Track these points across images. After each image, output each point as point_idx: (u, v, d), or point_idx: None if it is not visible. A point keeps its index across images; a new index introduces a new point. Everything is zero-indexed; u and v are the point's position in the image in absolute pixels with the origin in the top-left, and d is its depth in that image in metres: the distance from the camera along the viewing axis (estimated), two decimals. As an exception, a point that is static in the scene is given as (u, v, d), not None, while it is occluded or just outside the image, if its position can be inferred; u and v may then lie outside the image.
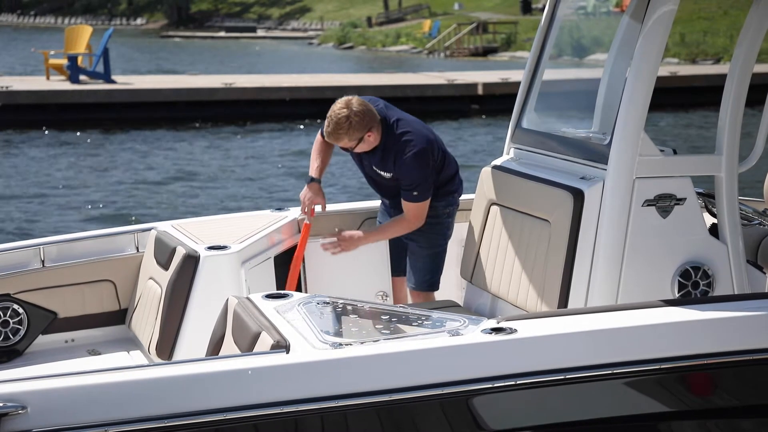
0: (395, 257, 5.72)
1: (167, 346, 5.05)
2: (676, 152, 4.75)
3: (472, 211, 5.51)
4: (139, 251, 5.67)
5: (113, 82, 24.50)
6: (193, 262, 5.09)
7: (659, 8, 4.49)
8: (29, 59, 39.62)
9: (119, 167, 17.89)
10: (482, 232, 5.37)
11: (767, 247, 5.14)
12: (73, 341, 5.58)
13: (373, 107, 5.32)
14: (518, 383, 3.69)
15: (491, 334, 3.75)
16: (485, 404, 3.69)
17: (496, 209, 5.28)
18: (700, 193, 5.24)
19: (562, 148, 5.03)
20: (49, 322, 5.50)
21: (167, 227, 5.61)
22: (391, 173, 5.40)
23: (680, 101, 25.63)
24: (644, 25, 4.52)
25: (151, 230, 5.63)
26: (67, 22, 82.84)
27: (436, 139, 5.45)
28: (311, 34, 71.27)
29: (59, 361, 5.27)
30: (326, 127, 5.30)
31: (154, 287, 5.33)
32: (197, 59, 46.06)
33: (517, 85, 5.51)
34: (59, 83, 24.41)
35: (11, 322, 5.42)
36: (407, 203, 5.39)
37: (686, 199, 4.64)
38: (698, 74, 29.32)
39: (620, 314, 4.02)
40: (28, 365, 5.26)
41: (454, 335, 3.75)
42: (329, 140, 5.38)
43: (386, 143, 5.35)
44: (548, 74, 5.42)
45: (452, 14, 64.48)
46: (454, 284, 5.90)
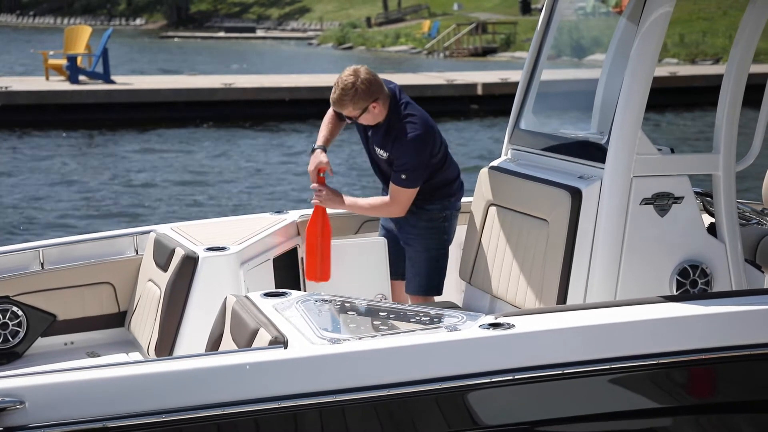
0: (394, 260, 5.71)
1: (166, 346, 5.06)
2: (673, 151, 4.76)
3: (470, 212, 5.51)
4: (138, 254, 5.68)
5: (113, 82, 24.50)
6: (191, 263, 5.10)
7: (655, 10, 4.51)
8: (28, 60, 39.63)
9: (119, 168, 17.89)
10: (481, 233, 5.37)
11: (766, 246, 5.15)
12: (72, 344, 5.58)
13: (381, 80, 5.30)
14: (516, 378, 3.70)
15: (489, 329, 3.77)
16: (483, 399, 3.71)
17: (494, 210, 5.28)
18: (697, 192, 5.26)
19: (559, 148, 5.04)
20: (48, 324, 5.51)
21: (166, 230, 5.62)
22: (388, 153, 5.34)
23: (680, 101, 25.63)
24: (641, 26, 4.53)
25: (150, 233, 5.64)
26: (66, 22, 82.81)
27: (439, 135, 5.42)
28: (310, 34, 71.27)
29: (58, 363, 5.27)
30: (332, 93, 5.26)
31: (153, 289, 5.34)
32: (197, 59, 46.07)
33: (516, 85, 5.51)
34: (59, 83, 24.42)
35: (10, 324, 5.42)
36: (393, 185, 5.32)
37: (684, 197, 4.64)
38: (698, 74, 29.32)
39: (618, 310, 4.03)
40: (27, 367, 5.26)
41: (451, 331, 3.77)
42: (334, 108, 5.33)
43: (390, 121, 5.31)
44: (546, 75, 5.43)
45: (451, 14, 64.47)
46: (453, 287, 5.89)
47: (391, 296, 5.78)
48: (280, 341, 3.61)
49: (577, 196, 4.61)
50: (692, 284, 4.67)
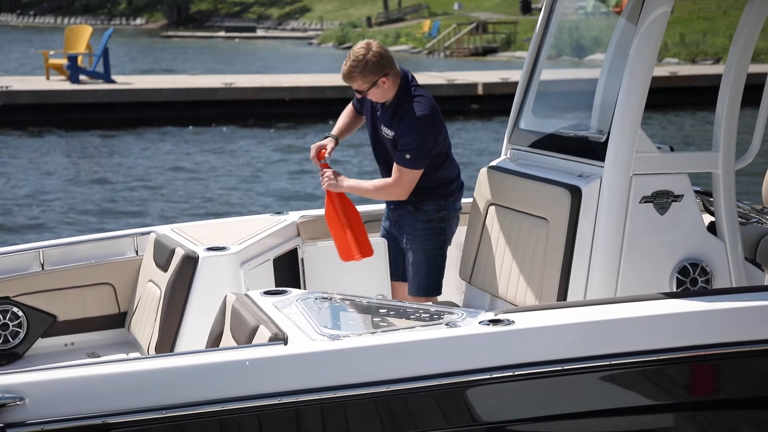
0: (394, 261, 5.71)
1: (166, 346, 5.05)
2: (673, 149, 4.76)
3: (470, 211, 5.51)
4: (138, 254, 5.67)
5: (113, 82, 24.51)
6: (192, 262, 5.10)
7: (654, 9, 4.51)
8: (29, 59, 39.64)
9: (119, 167, 17.89)
10: (481, 232, 5.37)
11: (766, 245, 5.15)
12: (72, 344, 5.57)
13: (392, 57, 5.35)
14: (516, 374, 3.70)
15: (489, 325, 3.77)
16: (483, 395, 3.71)
17: (494, 209, 5.28)
18: (697, 191, 5.26)
19: (559, 147, 5.04)
20: (48, 325, 5.50)
21: (166, 230, 5.62)
22: (394, 132, 5.34)
23: (680, 101, 25.62)
24: (639, 25, 4.54)
25: (150, 233, 5.64)
26: (66, 21, 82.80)
27: (445, 128, 5.43)
28: (311, 34, 71.24)
29: (59, 364, 5.27)
30: (343, 66, 5.32)
31: (153, 289, 5.34)
32: (197, 59, 46.06)
33: (516, 85, 5.51)
34: (59, 83, 24.43)
35: (11, 325, 5.42)
36: (397, 166, 5.30)
37: (683, 195, 4.65)
38: (698, 74, 29.31)
39: (617, 306, 4.03)
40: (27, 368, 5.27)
41: (451, 327, 3.77)
42: (344, 80, 5.36)
43: (399, 100, 5.33)
44: (546, 74, 5.43)
45: (452, 14, 64.45)
46: (453, 287, 5.89)
47: (390, 297, 5.77)
48: (279, 338, 3.62)
49: (576, 194, 4.62)
50: (692, 282, 4.67)
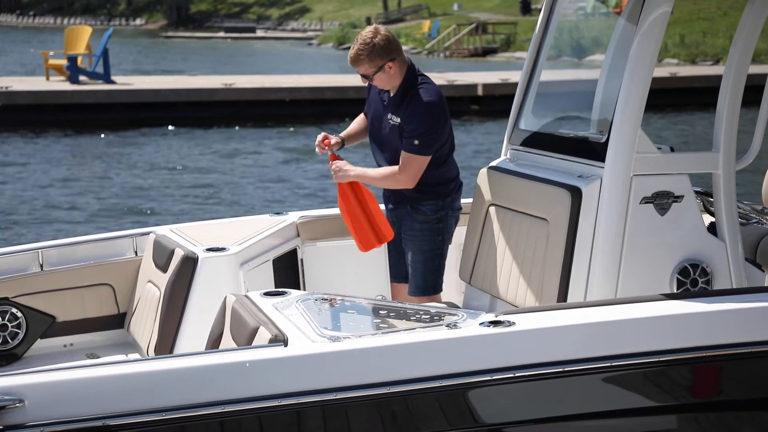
0: (394, 262, 5.71)
1: (166, 348, 5.04)
2: (673, 150, 4.76)
3: (470, 212, 5.50)
4: (137, 255, 5.67)
5: (113, 82, 24.50)
6: (191, 263, 5.09)
7: (654, 10, 4.51)
8: (29, 60, 39.62)
9: (118, 168, 17.88)
10: (480, 233, 5.36)
11: (766, 246, 5.14)
12: (71, 345, 5.57)
13: (400, 43, 5.37)
14: (516, 376, 3.70)
15: (489, 327, 3.76)
16: (483, 397, 3.70)
17: (494, 210, 5.27)
18: (697, 191, 5.25)
19: (559, 147, 5.03)
20: (47, 326, 5.49)
21: (166, 231, 5.61)
22: (400, 119, 5.34)
23: (680, 102, 25.61)
24: (639, 25, 4.53)
25: (149, 234, 5.63)
26: (66, 22, 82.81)
27: (450, 120, 5.43)
28: (310, 34, 71.29)
29: (58, 365, 5.26)
30: (350, 50, 5.34)
31: (152, 290, 5.33)
32: (197, 60, 46.05)
33: (516, 86, 5.51)
34: (59, 83, 24.42)
35: (10, 326, 5.41)
36: (404, 153, 5.29)
37: (684, 196, 4.64)
38: (698, 75, 29.30)
39: (618, 307, 4.03)
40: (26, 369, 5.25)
41: (452, 328, 3.76)
42: (352, 65, 5.37)
43: (406, 87, 5.34)
44: (546, 75, 5.42)
45: (452, 15, 64.48)
46: (453, 287, 5.89)
47: (390, 298, 5.77)
48: (280, 339, 3.61)
49: (577, 195, 4.61)
50: (693, 283, 4.66)
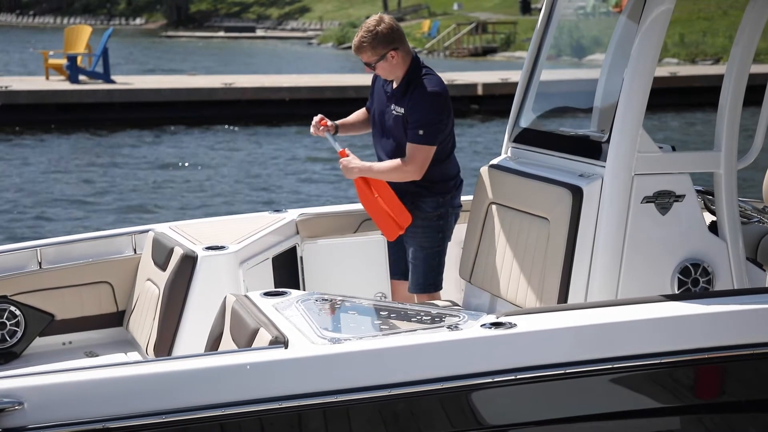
0: (394, 259, 5.69)
1: (165, 346, 5.04)
2: (674, 149, 4.74)
3: (470, 210, 5.49)
4: (136, 253, 5.66)
5: (113, 82, 24.48)
6: (190, 262, 5.08)
7: (656, 7, 4.49)
8: (28, 59, 39.60)
9: (118, 167, 17.88)
10: (481, 231, 5.35)
11: (767, 245, 5.13)
12: (70, 343, 5.56)
13: (404, 33, 5.39)
14: (518, 378, 3.68)
15: (491, 328, 3.75)
16: (485, 399, 3.69)
17: (494, 208, 5.26)
18: (699, 190, 5.23)
19: (560, 146, 5.02)
20: (46, 324, 5.49)
21: (165, 229, 5.60)
22: (403, 109, 5.35)
23: (680, 102, 25.60)
24: (641, 23, 4.51)
25: (148, 232, 5.62)
26: (66, 22, 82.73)
27: (452, 114, 5.44)
28: (310, 34, 71.22)
29: (57, 363, 5.25)
30: (354, 38, 5.36)
31: (151, 288, 5.32)
32: (196, 59, 46.04)
33: (516, 85, 5.50)
34: (59, 83, 24.40)
35: (8, 324, 5.40)
36: (410, 144, 5.30)
37: (685, 195, 4.63)
38: (698, 74, 29.29)
39: (620, 309, 4.01)
40: (25, 367, 5.24)
41: (453, 330, 3.75)
42: (355, 53, 5.39)
43: (410, 78, 5.37)
44: (546, 74, 5.41)
45: (451, 14, 64.43)
46: (453, 285, 5.88)
47: (390, 295, 5.76)
48: (280, 341, 3.60)
49: (578, 194, 4.59)
50: (693, 283, 4.65)
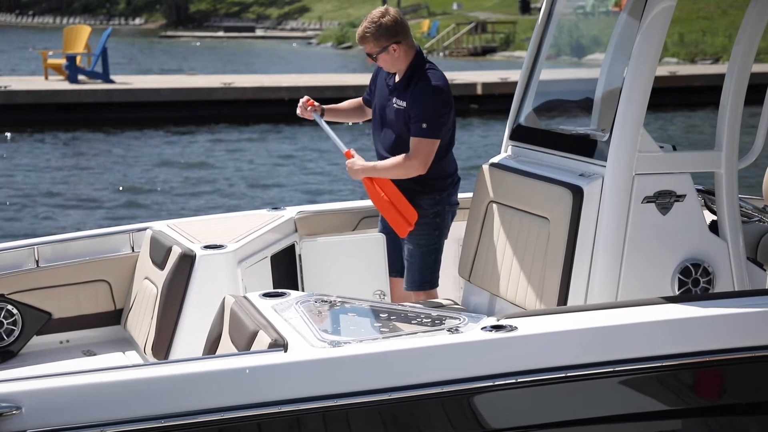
0: (393, 257, 5.68)
1: (163, 346, 5.02)
2: (675, 149, 4.72)
3: (470, 209, 5.47)
4: (134, 251, 5.64)
5: (112, 81, 24.45)
6: (189, 261, 5.06)
7: (658, 5, 4.46)
8: (28, 59, 39.58)
9: (117, 167, 17.86)
10: (480, 230, 5.33)
11: (766, 244, 5.11)
12: (68, 342, 5.54)
13: (409, 27, 5.41)
14: (519, 381, 3.66)
15: (491, 331, 3.73)
16: (486, 402, 3.67)
17: (494, 207, 5.24)
18: (699, 190, 5.21)
19: (560, 145, 5.00)
20: (43, 322, 5.47)
21: (163, 227, 5.58)
22: (406, 103, 5.35)
23: (679, 101, 25.58)
24: (643, 21, 4.49)
25: (146, 230, 5.59)
26: (65, 21, 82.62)
27: (454, 111, 5.45)
28: (310, 33, 71.19)
29: (54, 362, 5.24)
30: (359, 27, 5.39)
31: (149, 287, 5.30)
32: (196, 59, 46.01)
33: (515, 85, 5.48)
34: (58, 83, 24.38)
35: (5, 323, 5.38)
36: (414, 138, 5.30)
37: (686, 195, 4.61)
38: (697, 74, 29.27)
39: (621, 311, 3.99)
40: (22, 366, 5.22)
41: (453, 333, 3.72)
42: (358, 42, 5.42)
43: (413, 72, 5.38)
44: (546, 73, 5.39)
45: (451, 14, 64.41)
46: (451, 283, 5.86)
47: (389, 292, 5.74)
48: (280, 344, 3.58)
49: (578, 194, 4.57)
50: (694, 283, 4.63)
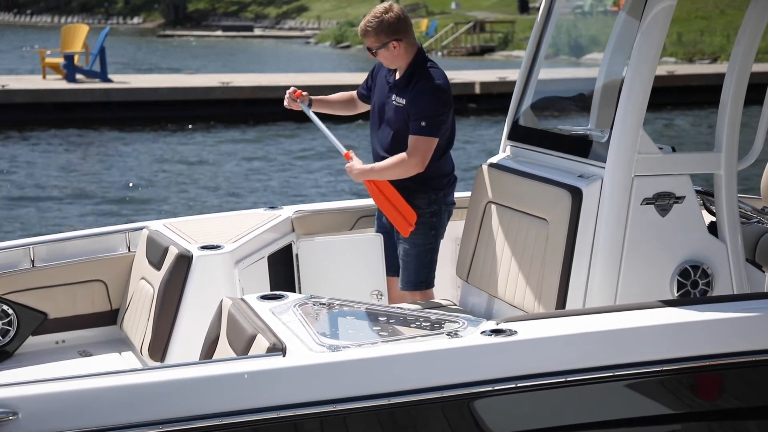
0: (390, 256, 5.66)
1: (160, 347, 5.00)
2: (674, 150, 4.70)
3: (468, 209, 5.45)
4: (130, 251, 5.61)
5: (110, 81, 24.44)
6: (185, 261, 5.03)
7: (658, 4, 4.44)
8: (25, 58, 39.55)
9: (115, 166, 17.85)
10: (479, 230, 5.31)
11: (765, 245, 5.09)
12: (63, 342, 5.51)
13: (411, 25, 5.41)
14: (519, 386, 3.64)
15: (491, 335, 3.71)
16: (486, 407, 3.65)
17: (492, 207, 5.22)
18: (698, 191, 5.20)
19: (559, 145, 4.98)
20: (39, 323, 5.44)
21: (159, 226, 5.55)
22: (405, 100, 5.34)
23: (678, 101, 25.58)
24: (642, 21, 4.47)
25: (142, 229, 5.57)
26: (63, 20, 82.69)
27: (453, 112, 5.43)
28: (308, 33, 71.21)
29: (50, 362, 5.21)
30: (361, 22, 5.39)
31: (146, 287, 5.27)
32: (194, 58, 45.99)
33: (514, 84, 5.46)
34: (56, 82, 24.36)
35: (1, 323, 5.35)
36: (412, 137, 5.28)
37: (685, 197, 4.59)
38: (695, 73, 29.28)
39: (621, 315, 3.97)
40: (18, 367, 5.20)
41: (453, 337, 3.70)
42: (360, 34, 5.42)
43: (414, 70, 5.37)
44: (545, 73, 5.37)
45: (449, 13, 64.44)
46: (449, 283, 5.84)
47: (387, 292, 5.73)
48: (278, 348, 3.56)
49: (577, 195, 4.55)
50: (693, 285, 4.61)
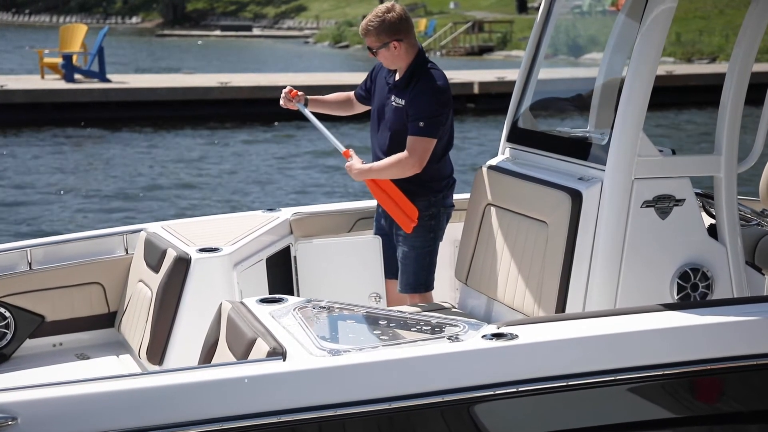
0: (388, 259, 5.64)
1: (158, 350, 4.98)
2: (674, 152, 4.69)
3: (467, 211, 5.43)
4: (128, 253, 5.59)
5: (108, 81, 24.41)
6: (184, 264, 5.01)
7: (658, 6, 4.42)
8: (24, 58, 39.53)
9: (114, 167, 17.83)
10: (478, 233, 5.29)
11: (764, 247, 5.08)
12: (61, 345, 5.50)
13: (413, 26, 5.41)
14: (520, 390, 3.63)
15: (492, 339, 3.69)
16: (487, 412, 3.64)
17: (492, 210, 5.20)
18: (698, 193, 5.19)
19: (558, 147, 4.96)
20: (36, 325, 5.42)
21: (157, 228, 5.53)
22: (404, 101, 5.33)
23: (677, 101, 25.59)
24: (643, 23, 4.45)
25: (140, 231, 5.55)
26: (62, 20, 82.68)
27: (452, 113, 5.43)
28: (307, 32, 71.22)
29: (47, 365, 5.20)
30: (363, 21, 5.39)
31: (144, 290, 5.25)
32: (193, 58, 45.98)
33: (513, 84, 5.45)
34: (54, 82, 24.32)
35: None
36: (411, 137, 5.27)
37: (685, 200, 4.58)
38: (694, 73, 29.28)
39: (623, 319, 3.95)
40: (15, 370, 5.19)
41: (454, 341, 3.69)
42: (360, 32, 5.42)
43: (414, 70, 5.37)
44: (544, 73, 5.36)
45: (448, 13, 64.45)
46: (448, 285, 5.83)
47: (385, 295, 5.71)
48: (278, 352, 3.54)
49: (577, 198, 4.54)
50: (693, 288, 4.61)
